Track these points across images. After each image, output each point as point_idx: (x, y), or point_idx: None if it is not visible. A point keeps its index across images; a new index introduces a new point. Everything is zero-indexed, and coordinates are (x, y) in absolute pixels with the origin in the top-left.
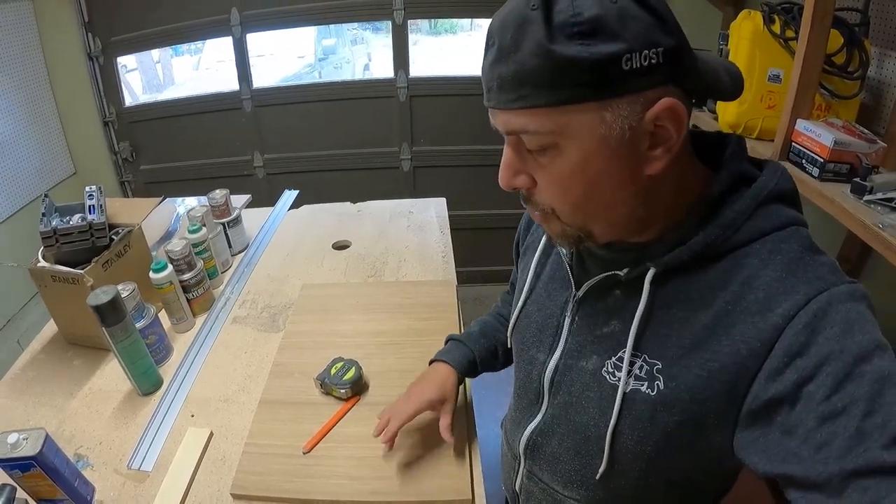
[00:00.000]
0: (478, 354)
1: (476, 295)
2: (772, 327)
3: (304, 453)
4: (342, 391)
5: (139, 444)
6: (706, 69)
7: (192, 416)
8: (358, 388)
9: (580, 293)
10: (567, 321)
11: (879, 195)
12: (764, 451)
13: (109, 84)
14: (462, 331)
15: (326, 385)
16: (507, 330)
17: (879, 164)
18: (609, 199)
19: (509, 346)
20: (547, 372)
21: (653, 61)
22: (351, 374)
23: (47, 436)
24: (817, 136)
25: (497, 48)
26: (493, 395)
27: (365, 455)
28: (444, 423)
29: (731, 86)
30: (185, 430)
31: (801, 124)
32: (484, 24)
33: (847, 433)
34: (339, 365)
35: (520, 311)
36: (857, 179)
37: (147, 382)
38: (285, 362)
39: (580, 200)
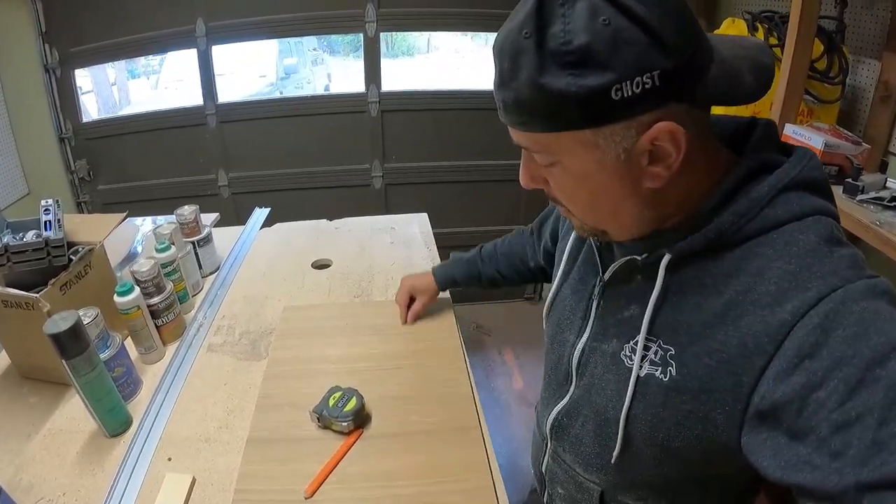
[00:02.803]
0: (459, 276)
1: (457, 314)
2: (780, 323)
3: (305, 498)
4: (343, 424)
5: (110, 495)
6: (723, 74)
7: (170, 459)
8: (360, 419)
9: (606, 277)
10: (594, 304)
11: (872, 194)
12: (773, 455)
13: (66, 98)
14: (465, 351)
15: (325, 418)
16: (497, 264)
17: (863, 165)
18: (613, 208)
19: (545, 326)
20: (575, 354)
21: (646, 86)
22: (352, 404)
23: (2, 490)
24: (807, 139)
25: (499, 73)
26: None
27: (376, 496)
28: (415, 308)
29: (755, 85)
30: (162, 475)
31: (789, 129)
32: (443, 45)
33: (862, 443)
34: (337, 395)
35: (555, 295)
36: (850, 180)
37: (115, 422)
38: (272, 394)
39: (586, 208)
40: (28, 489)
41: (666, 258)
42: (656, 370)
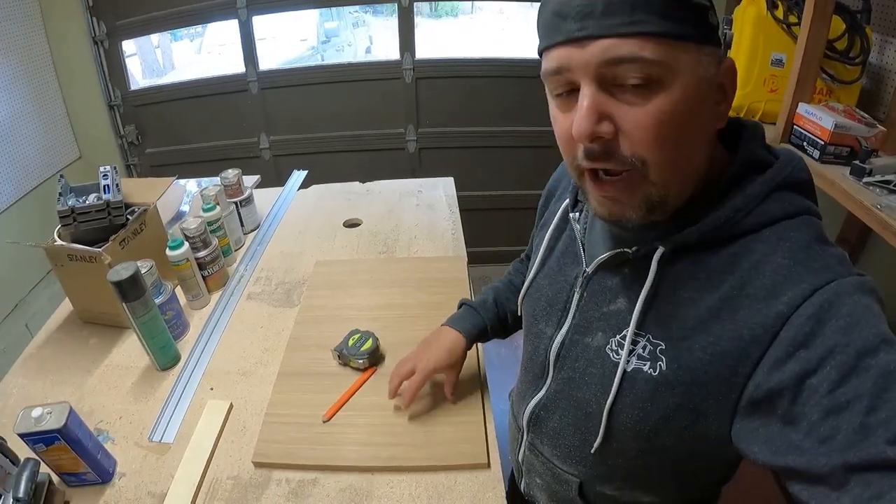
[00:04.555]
0: (489, 323)
1: (482, 275)
2: (776, 315)
3: (323, 422)
4: (360, 362)
5: (160, 417)
6: None
7: (212, 388)
8: (375, 358)
9: (590, 269)
10: (576, 297)
11: (878, 177)
12: (765, 441)
13: (115, 68)
14: None
15: (344, 356)
16: (517, 298)
17: (879, 147)
18: (692, 148)
19: (519, 314)
20: (553, 347)
21: (713, 23)
22: (368, 344)
23: (71, 409)
24: (818, 119)
25: None
26: (499, 373)
27: (383, 422)
28: (449, 387)
29: None
30: (204, 402)
31: (802, 108)
32: (487, 6)
33: (851, 428)
34: (356, 336)
35: (530, 283)
36: (857, 162)
37: (165, 357)
38: (302, 336)
39: (671, 147)
40: (89, 413)
41: (659, 251)
42: (644, 364)
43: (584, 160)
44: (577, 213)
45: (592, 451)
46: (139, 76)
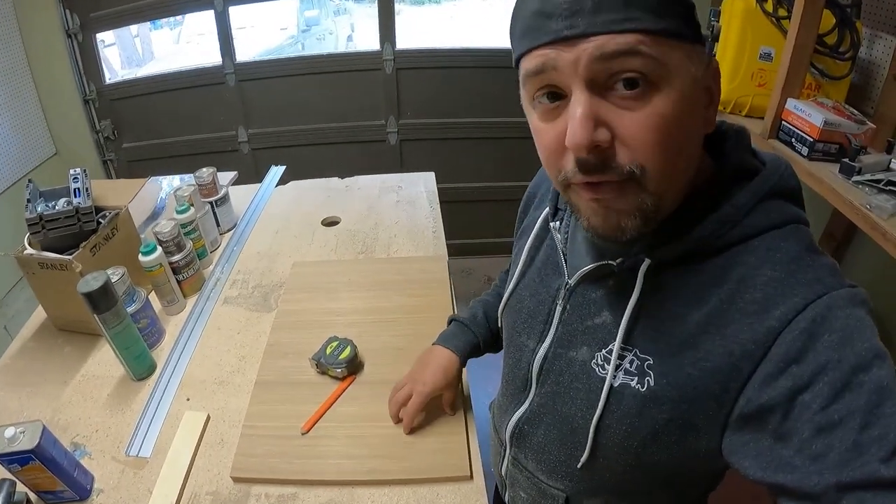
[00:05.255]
0: (481, 339)
1: (464, 267)
2: (767, 330)
3: (302, 433)
4: (338, 371)
5: (136, 430)
6: None
7: (188, 399)
8: (353, 367)
9: (572, 281)
10: (558, 309)
11: (867, 176)
12: (755, 457)
13: (89, 61)
14: (454, 307)
15: (322, 365)
16: None
17: (868, 144)
18: (688, 155)
19: (500, 325)
20: (536, 360)
21: (699, 23)
22: (346, 353)
23: (44, 428)
24: (807, 115)
25: None
26: (484, 370)
27: (363, 434)
28: (447, 405)
29: None
30: (181, 414)
31: (791, 103)
32: None
33: (844, 445)
34: (334, 344)
35: (510, 294)
36: (846, 160)
37: (141, 367)
38: (279, 342)
39: (672, 154)
40: (65, 428)
41: (645, 264)
42: (632, 380)
43: (578, 174)
44: (558, 223)
45: (579, 466)
46: (118, 66)
